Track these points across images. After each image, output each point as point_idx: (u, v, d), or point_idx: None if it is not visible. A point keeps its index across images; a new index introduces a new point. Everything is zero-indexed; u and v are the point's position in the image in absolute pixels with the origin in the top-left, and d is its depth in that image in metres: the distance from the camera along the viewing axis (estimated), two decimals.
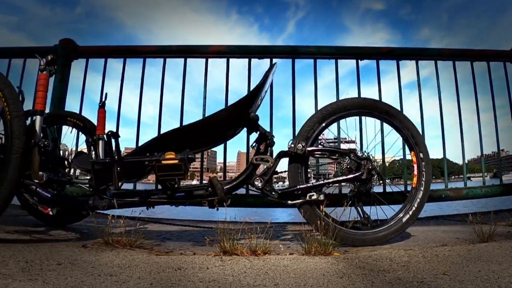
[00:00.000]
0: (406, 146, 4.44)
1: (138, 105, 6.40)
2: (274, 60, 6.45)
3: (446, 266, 2.70)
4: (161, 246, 3.55)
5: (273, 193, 3.77)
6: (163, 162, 3.52)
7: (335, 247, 3.20)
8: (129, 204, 3.79)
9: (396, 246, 3.62)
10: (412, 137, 4.04)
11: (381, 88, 6.27)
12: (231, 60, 6.43)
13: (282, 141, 3.96)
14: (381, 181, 4.23)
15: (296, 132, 4.11)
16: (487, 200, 6.36)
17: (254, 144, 3.94)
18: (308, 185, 3.79)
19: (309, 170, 4.00)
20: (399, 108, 6.03)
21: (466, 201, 6.29)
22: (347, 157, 3.93)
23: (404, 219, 3.83)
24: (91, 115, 6.53)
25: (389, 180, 6.77)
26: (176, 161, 3.52)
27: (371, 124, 6.97)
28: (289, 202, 3.75)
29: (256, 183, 3.77)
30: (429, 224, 5.31)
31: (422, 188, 3.92)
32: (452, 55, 6.53)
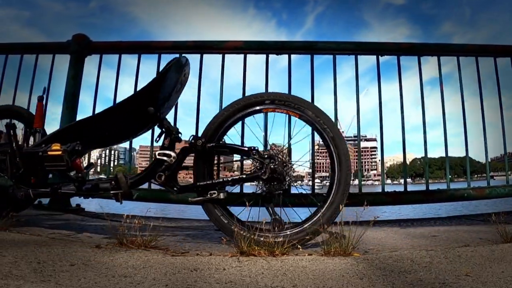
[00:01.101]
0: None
1: None
2: (292, 55, 6.45)
3: (468, 267, 2.69)
4: (176, 247, 3.56)
5: (175, 188, 3.88)
6: (49, 153, 3.77)
7: (355, 248, 3.20)
8: (43, 194, 4.08)
9: (418, 246, 3.61)
10: (332, 137, 3.88)
11: (402, 85, 6.25)
12: (248, 56, 6.43)
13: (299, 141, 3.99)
14: (298, 182, 4.13)
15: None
16: (510, 200, 6.31)
17: (157, 139, 4.07)
18: (207, 182, 3.86)
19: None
20: (420, 104, 6.03)
21: (489, 200, 6.24)
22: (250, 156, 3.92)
23: (314, 224, 3.66)
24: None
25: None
26: (59, 153, 3.75)
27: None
28: (190, 199, 3.86)
29: (158, 178, 3.86)
30: (451, 224, 5.28)
31: (338, 190, 3.77)
32: (474, 51, 6.48)
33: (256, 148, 3.87)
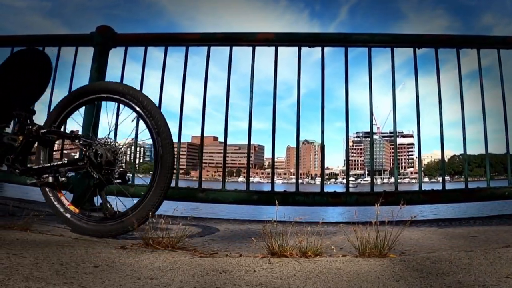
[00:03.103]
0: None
1: (180, 97, 6.44)
2: (326, 48, 6.42)
3: (509, 269, 2.66)
4: (205, 247, 3.58)
5: (17, 170, 4.17)
6: None
7: (391, 248, 3.18)
8: None
9: (456, 247, 3.58)
10: (156, 125, 4.04)
11: (440, 79, 6.20)
12: (280, 48, 6.43)
13: (334, 135, 4.00)
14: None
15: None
16: None
17: (4, 125, 4.42)
18: (39, 166, 4.17)
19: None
20: (459, 99, 5.98)
21: None
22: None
23: (135, 215, 3.86)
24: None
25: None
26: None
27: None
28: (28, 181, 4.34)
29: (6, 161, 4.17)
30: (491, 224, 5.23)
31: (159, 180, 3.93)
32: None
33: (79, 135, 4.21)
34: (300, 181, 6.29)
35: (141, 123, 4.17)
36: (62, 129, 4.42)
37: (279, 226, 3.29)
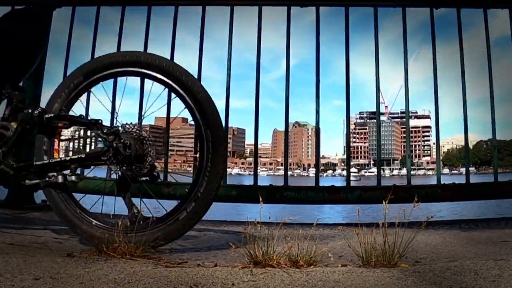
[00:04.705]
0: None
1: None
2: (322, 9, 6.38)
3: None
4: (171, 255, 3.56)
5: (9, 168, 3.84)
6: None
7: (402, 256, 3.17)
8: None
9: (483, 255, 3.58)
10: (201, 110, 3.88)
11: (463, 46, 6.19)
12: (264, 8, 6.36)
13: (332, 116, 3.99)
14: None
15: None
16: None
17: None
18: (45, 162, 3.86)
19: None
20: (487, 71, 5.98)
21: None
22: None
23: (172, 224, 3.77)
24: None
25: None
26: None
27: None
28: (27, 182, 3.83)
29: None
30: None
31: (206, 179, 3.80)
32: None
33: (100, 121, 3.87)
34: (289, 173, 6.32)
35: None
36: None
37: (263, 228, 3.27)
